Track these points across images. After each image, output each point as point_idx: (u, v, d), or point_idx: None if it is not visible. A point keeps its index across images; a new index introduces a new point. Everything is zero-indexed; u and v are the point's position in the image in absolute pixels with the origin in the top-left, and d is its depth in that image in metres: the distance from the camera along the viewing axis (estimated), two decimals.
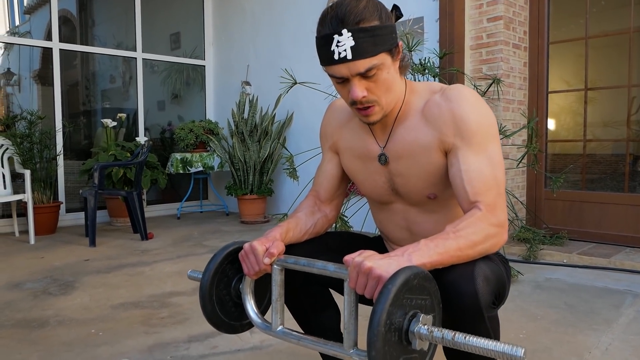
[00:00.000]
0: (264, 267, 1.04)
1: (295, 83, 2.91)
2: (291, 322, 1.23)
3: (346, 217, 2.72)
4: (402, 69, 1.09)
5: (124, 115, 4.68)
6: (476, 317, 0.93)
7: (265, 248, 1.05)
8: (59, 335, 1.94)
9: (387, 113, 1.08)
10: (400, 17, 1.09)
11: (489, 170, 1.02)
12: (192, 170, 4.77)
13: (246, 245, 1.07)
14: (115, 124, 4.40)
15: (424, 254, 0.91)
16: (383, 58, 1.01)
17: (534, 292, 2.41)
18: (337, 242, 1.26)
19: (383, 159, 1.16)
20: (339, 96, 1.25)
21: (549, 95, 3.56)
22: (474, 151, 1.03)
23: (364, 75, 1.01)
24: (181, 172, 4.76)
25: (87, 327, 2.03)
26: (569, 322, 2.01)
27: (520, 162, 2.79)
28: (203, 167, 4.78)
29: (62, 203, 4.38)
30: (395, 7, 1.08)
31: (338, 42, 0.98)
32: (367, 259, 0.88)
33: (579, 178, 3.52)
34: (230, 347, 1.79)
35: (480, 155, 1.03)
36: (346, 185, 1.32)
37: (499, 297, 1.02)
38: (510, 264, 2.74)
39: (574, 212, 3.44)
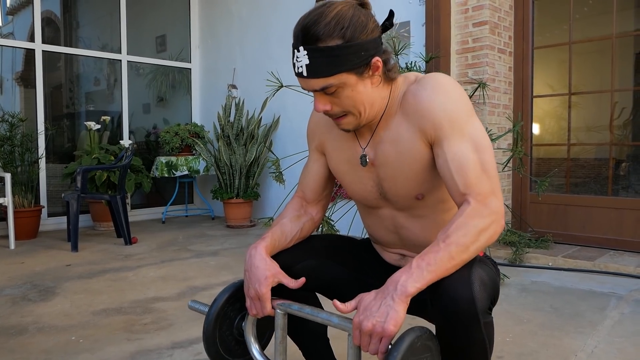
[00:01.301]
0: (268, 312, 1.06)
1: (281, 86, 2.90)
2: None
3: (332, 220, 2.71)
4: (389, 77, 1.07)
5: (107, 118, 4.62)
6: (472, 322, 0.91)
7: (268, 291, 1.06)
8: (38, 342, 1.90)
9: (367, 122, 1.07)
10: (389, 28, 1.06)
11: (474, 155, 0.99)
12: (178, 173, 4.73)
13: (251, 292, 1.07)
14: (99, 126, 4.35)
15: (418, 277, 0.89)
16: (343, 78, 0.99)
17: (520, 295, 2.42)
18: (324, 245, 1.25)
19: (364, 161, 1.14)
20: None
21: (534, 99, 3.59)
22: (456, 138, 1.00)
23: (324, 92, 1.00)
24: (166, 175, 4.72)
25: (67, 334, 1.99)
26: (555, 325, 2.01)
27: (505, 165, 2.80)
28: (188, 171, 4.74)
29: (43, 207, 4.30)
30: (391, 15, 1.06)
31: (297, 57, 0.98)
32: (366, 318, 0.88)
33: (563, 182, 3.55)
34: None
35: (463, 140, 1.00)
36: (332, 186, 1.30)
37: (494, 301, 1.01)
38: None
39: (558, 215, 3.47)
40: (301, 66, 0.98)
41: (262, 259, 1.09)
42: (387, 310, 0.87)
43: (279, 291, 1.14)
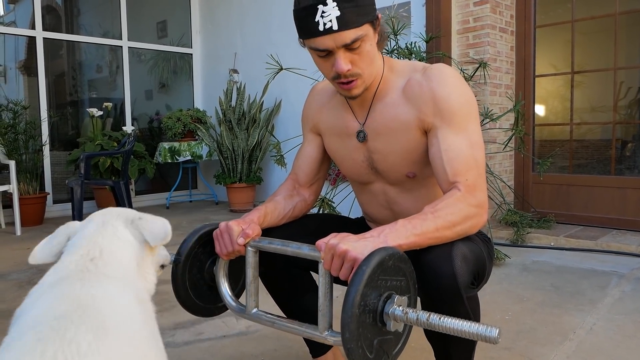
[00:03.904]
0: (237, 247, 1.02)
1: (281, 69, 2.87)
2: (267, 305, 1.21)
3: (333, 202, 2.70)
4: (380, 43, 1.07)
5: (110, 104, 4.62)
6: (455, 297, 0.92)
7: (241, 229, 1.04)
8: None
9: (368, 87, 1.07)
10: None
11: (469, 150, 1.01)
12: (181, 159, 4.72)
13: (222, 224, 1.05)
14: (101, 113, 4.34)
15: (401, 234, 0.90)
16: (367, 29, 0.99)
17: (521, 275, 2.42)
18: (316, 224, 1.26)
19: (362, 136, 1.14)
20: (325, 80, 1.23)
21: (536, 79, 3.55)
22: (453, 131, 1.02)
23: (349, 47, 0.99)
24: (169, 161, 4.72)
25: None
26: (555, 303, 2.01)
27: (507, 144, 2.78)
28: (191, 156, 4.74)
29: (48, 194, 4.33)
30: None
31: (323, 12, 0.96)
32: (342, 241, 0.87)
33: (567, 164, 3.51)
34: (216, 334, 1.78)
35: (460, 135, 1.02)
36: (326, 169, 1.31)
37: (479, 277, 1.01)
38: (498, 247, 2.74)
39: (561, 195, 3.44)
40: (330, 20, 0.96)
41: (244, 217, 1.10)
42: (366, 244, 0.86)
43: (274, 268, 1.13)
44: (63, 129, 4.99)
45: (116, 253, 0.81)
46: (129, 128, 4.38)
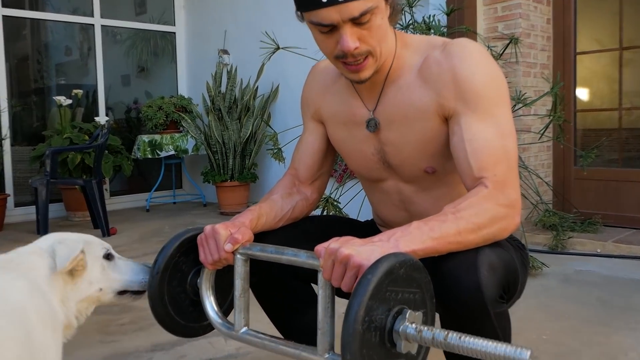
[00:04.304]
0: (224, 255, 1.01)
1: (278, 48, 2.85)
2: (260, 323, 1.19)
3: (339, 202, 2.68)
4: (393, 17, 1.06)
5: (80, 91, 4.61)
6: (480, 313, 0.91)
7: (229, 233, 1.03)
8: None
9: (379, 68, 1.06)
10: None
11: (498, 140, 1.00)
12: (162, 154, 4.73)
13: (207, 228, 1.05)
14: (70, 102, 4.34)
15: (415, 238, 0.88)
16: (378, 0, 0.98)
17: (561, 287, 2.40)
18: (318, 228, 1.25)
19: (373, 125, 1.13)
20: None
21: (577, 57, 3.51)
22: (479, 118, 1.00)
23: (356, 22, 0.97)
24: (149, 156, 4.72)
25: None
26: (602, 320, 1.99)
27: (543, 133, 2.74)
28: (175, 151, 4.74)
29: (9, 196, 4.33)
30: None
31: None
32: (344, 245, 0.86)
33: (615, 156, 3.48)
34: (201, 357, 1.76)
35: (487, 123, 1.00)
36: (331, 163, 1.31)
37: (509, 289, 1.00)
38: (534, 254, 2.72)
39: (609, 193, 3.41)
40: None
41: (234, 219, 1.10)
42: (373, 249, 0.85)
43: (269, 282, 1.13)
44: (26, 121, 4.99)
45: (31, 263, 1.03)
46: (102, 119, 4.37)
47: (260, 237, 1.16)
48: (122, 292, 1.17)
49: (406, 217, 1.20)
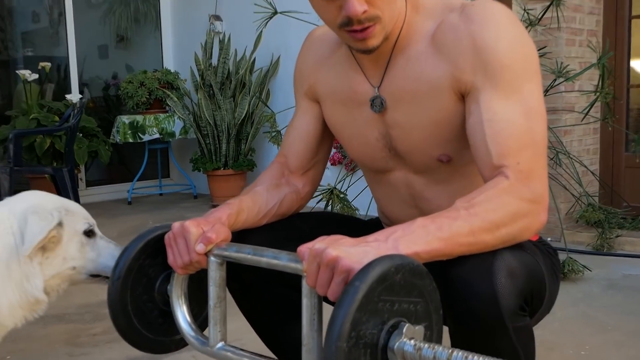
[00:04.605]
0: (196, 257, 1.00)
1: (275, 13, 2.84)
2: (243, 333, 1.19)
3: (345, 194, 2.68)
4: None
5: (47, 64, 4.62)
6: (496, 328, 0.90)
7: (202, 231, 1.02)
8: None
9: (387, 36, 1.05)
10: None
11: (523, 121, 0.98)
12: (146, 138, 4.73)
13: (175, 225, 1.04)
14: (36, 76, 4.35)
15: (419, 238, 0.87)
16: None
17: (605, 294, 2.40)
18: (311, 226, 1.23)
19: (378, 104, 1.12)
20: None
21: (633, 21, 3.47)
22: (502, 94, 0.99)
23: None
24: (130, 141, 4.72)
25: None
26: None
27: (587, 113, 2.71)
28: (160, 134, 4.74)
29: None
30: None
31: None
32: (331, 245, 0.84)
33: None
34: None
35: (511, 100, 0.99)
36: (327, 150, 1.30)
37: (533, 300, 0.98)
38: (575, 256, 2.70)
39: None
40: None
41: (208, 214, 1.09)
42: (367, 250, 0.84)
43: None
44: None
45: None
46: (74, 96, 4.39)
47: (241, 236, 1.15)
48: (95, 275, 1.23)
49: (417, 215, 1.15)
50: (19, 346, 2.02)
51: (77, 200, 3.77)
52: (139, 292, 1.06)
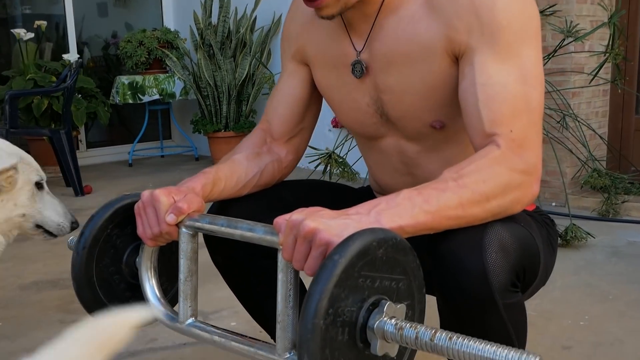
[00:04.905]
0: (166, 228, 0.97)
1: None
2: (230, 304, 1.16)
3: (345, 160, 2.63)
4: None
5: (43, 23, 4.55)
6: (485, 304, 0.89)
7: (172, 201, 0.99)
8: None
9: (352, 3, 1.01)
10: None
11: (519, 86, 0.95)
12: (146, 99, 4.70)
13: (145, 194, 1.00)
14: (31, 35, 4.28)
15: (404, 211, 0.84)
16: None
17: (609, 262, 2.38)
18: (297, 196, 1.22)
19: (359, 70, 1.10)
20: None
21: None
22: (498, 57, 0.96)
23: None
24: (130, 101, 4.70)
25: None
26: None
27: (596, 74, 2.64)
28: (160, 95, 4.72)
29: None
30: None
31: None
32: (310, 217, 0.81)
33: None
34: (174, 341, 1.78)
35: (508, 64, 0.95)
36: (314, 116, 1.28)
37: (526, 276, 0.96)
38: (579, 222, 2.67)
39: None
40: None
41: (181, 183, 1.07)
42: (347, 223, 0.81)
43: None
44: None
45: None
46: (71, 56, 4.33)
47: (223, 207, 1.13)
48: (38, 227, 1.35)
49: (410, 182, 1.16)
50: (12, 313, 2.03)
51: (75, 162, 3.75)
52: (106, 263, 1.03)
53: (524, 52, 0.96)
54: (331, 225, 0.80)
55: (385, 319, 0.75)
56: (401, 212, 0.84)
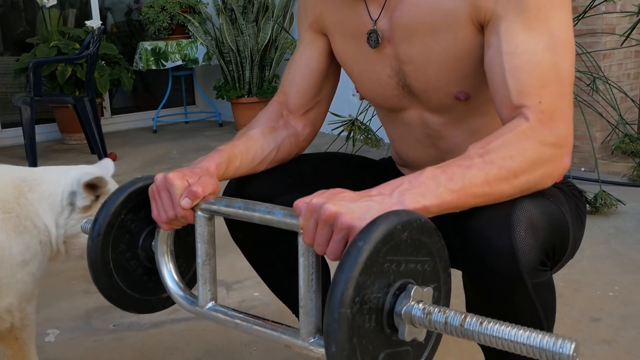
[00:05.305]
0: (181, 212, 0.94)
1: None
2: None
3: (369, 127, 2.58)
4: None
5: None
6: (513, 285, 0.86)
7: (187, 184, 0.96)
8: None
9: None
10: None
11: (548, 55, 0.90)
12: (169, 65, 4.69)
13: (158, 177, 0.98)
14: (54, 2, 4.26)
15: (428, 191, 0.81)
16: None
17: (639, 230, 2.33)
18: (318, 169, 1.20)
19: (374, 39, 1.06)
20: None
21: None
22: (526, 24, 0.91)
23: None
24: (153, 67, 4.70)
25: None
26: None
27: (628, 35, 2.56)
28: (183, 60, 4.70)
29: None
30: None
31: None
32: (330, 200, 0.78)
33: None
34: None
35: (536, 31, 0.91)
36: (332, 88, 1.24)
37: (555, 253, 0.93)
38: (609, 188, 2.61)
39: None
40: None
41: (195, 164, 1.05)
42: (370, 205, 0.78)
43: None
44: (13, 25, 4.96)
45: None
46: (94, 22, 4.29)
47: (241, 184, 1.10)
48: None
49: (435, 155, 1.14)
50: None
51: (99, 129, 3.76)
52: (122, 249, 1.01)
53: (553, 18, 0.91)
54: (353, 208, 0.77)
55: (412, 303, 0.72)
56: (425, 191, 0.81)
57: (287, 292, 1.22)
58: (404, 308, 0.72)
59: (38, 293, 1.29)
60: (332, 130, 2.68)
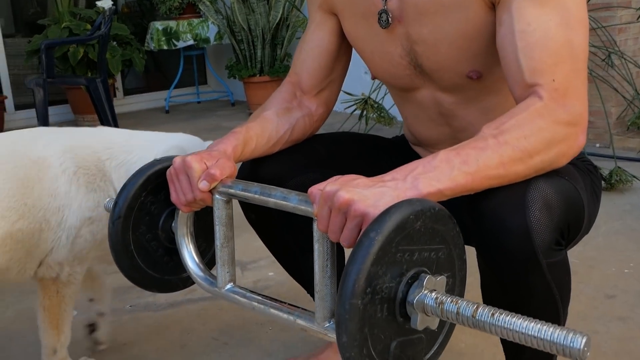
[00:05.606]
0: (200, 195, 0.95)
1: None
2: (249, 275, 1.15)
3: (382, 105, 2.56)
4: None
5: None
6: (528, 265, 0.86)
7: (205, 167, 0.96)
8: None
9: None
10: None
11: (561, 31, 0.89)
12: (180, 44, 4.68)
13: (176, 160, 0.98)
14: None
15: (442, 174, 0.81)
16: None
17: None
18: (332, 149, 1.20)
19: (384, 19, 1.05)
20: None
21: None
22: (537, 0, 0.89)
23: None
24: (165, 47, 4.69)
25: None
26: None
27: None
28: (194, 40, 4.68)
29: (6, 98, 4.41)
30: None
31: None
32: (344, 187, 0.78)
33: None
34: None
35: (548, 7, 0.90)
36: (344, 68, 1.24)
37: (570, 232, 0.92)
38: (624, 164, 2.58)
39: None
40: None
41: (212, 146, 1.05)
42: (383, 191, 0.78)
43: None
44: (24, 7, 4.96)
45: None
46: (105, 3, 4.28)
47: (255, 165, 1.11)
48: None
49: (448, 133, 1.14)
50: None
51: (112, 110, 3.77)
52: (142, 230, 1.03)
53: None
54: (366, 195, 0.77)
55: (425, 292, 0.72)
56: (439, 175, 0.80)
57: (301, 272, 1.23)
58: (417, 297, 0.72)
59: (93, 259, 1.28)
60: (345, 109, 2.66)
